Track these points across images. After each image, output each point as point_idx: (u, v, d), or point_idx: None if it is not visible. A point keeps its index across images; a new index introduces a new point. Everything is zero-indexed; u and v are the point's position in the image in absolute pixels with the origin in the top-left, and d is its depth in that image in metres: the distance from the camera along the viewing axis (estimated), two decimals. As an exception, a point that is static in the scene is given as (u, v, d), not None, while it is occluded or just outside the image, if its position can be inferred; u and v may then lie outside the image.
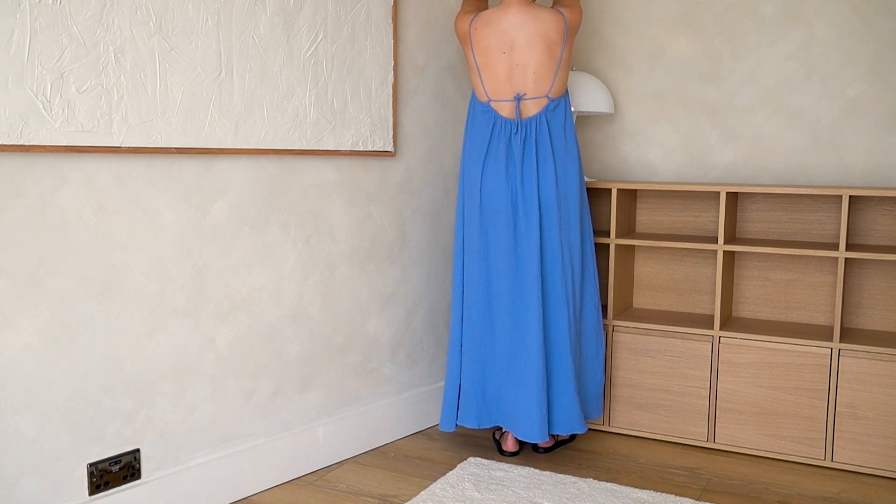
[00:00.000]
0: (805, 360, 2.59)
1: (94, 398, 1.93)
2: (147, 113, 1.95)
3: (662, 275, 3.07)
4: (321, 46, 2.38)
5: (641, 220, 3.11)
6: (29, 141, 1.73)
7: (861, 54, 2.72)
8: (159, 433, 2.08)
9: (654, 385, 2.81)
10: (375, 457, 2.64)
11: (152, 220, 2.02)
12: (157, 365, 2.06)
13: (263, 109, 2.23)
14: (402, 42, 2.69)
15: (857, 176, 2.76)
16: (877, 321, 2.74)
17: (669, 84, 3.05)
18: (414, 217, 2.81)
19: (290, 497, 2.32)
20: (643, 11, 3.08)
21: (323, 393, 2.53)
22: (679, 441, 2.80)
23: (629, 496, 2.31)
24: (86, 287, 1.89)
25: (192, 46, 2.03)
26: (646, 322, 2.83)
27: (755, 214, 2.91)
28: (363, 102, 2.54)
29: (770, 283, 2.89)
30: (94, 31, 1.83)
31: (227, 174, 2.18)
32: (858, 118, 2.74)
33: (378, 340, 2.71)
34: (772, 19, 2.85)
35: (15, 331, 1.77)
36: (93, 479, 1.94)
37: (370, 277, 2.66)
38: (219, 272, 2.19)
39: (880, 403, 2.49)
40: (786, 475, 2.53)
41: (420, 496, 2.30)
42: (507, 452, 2.66)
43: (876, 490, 2.42)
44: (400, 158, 2.73)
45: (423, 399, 2.90)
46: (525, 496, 2.31)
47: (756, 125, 2.91)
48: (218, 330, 2.20)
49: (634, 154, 3.14)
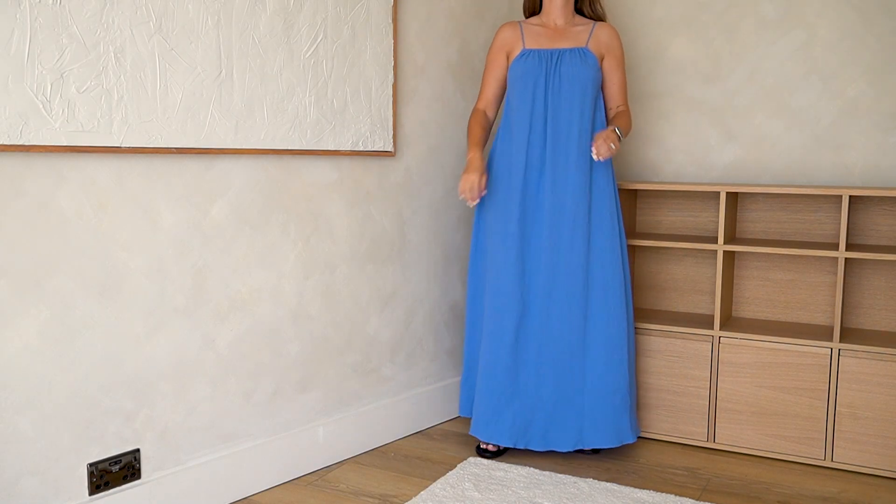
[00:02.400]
0: (805, 360, 2.59)
1: (94, 398, 1.93)
2: (147, 113, 1.95)
3: (662, 275, 3.07)
4: (321, 46, 2.38)
5: (641, 220, 3.11)
6: (29, 141, 1.73)
7: (861, 54, 2.72)
8: (159, 433, 2.08)
9: (654, 385, 2.81)
10: (375, 457, 2.64)
11: (152, 220, 2.02)
12: (157, 365, 2.06)
13: (263, 109, 2.23)
14: (402, 42, 2.69)
15: (856, 176, 2.76)
16: (877, 321, 2.74)
17: (669, 84, 3.05)
18: (414, 217, 2.81)
19: (290, 497, 2.32)
20: (643, 11, 3.08)
21: (323, 393, 2.53)
22: (679, 441, 2.80)
23: (629, 496, 2.31)
24: (86, 287, 1.89)
25: (192, 46, 2.03)
26: (646, 322, 2.83)
27: (755, 214, 2.91)
28: (363, 102, 2.54)
29: (770, 283, 2.89)
30: (94, 31, 1.83)
31: (227, 174, 2.18)
32: (858, 118, 2.74)
33: (378, 340, 2.71)
34: (772, 19, 2.85)
35: (15, 331, 1.77)
36: (93, 479, 1.94)
37: (370, 277, 2.66)
38: (219, 272, 2.19)
39: (880, 403, 2.49)
40: (786, 475, 2.53)
41: (420, 496, 2.30)
42: (489, 452, 2.65)
43: (876, 490, 2.42)
44: (400, 158, 2.73)
45: (423, 399, 2.90)
46: (525, 496, 2.31)
47: (756, 125, 2.91)
48: (218, 330, 2.20)
49: (634, 154, 3.14)
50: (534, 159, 2.55)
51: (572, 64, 2.53)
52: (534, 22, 2.65)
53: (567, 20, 2.62)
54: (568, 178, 2.53)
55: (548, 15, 2.63)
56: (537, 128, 2.55)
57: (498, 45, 2.64)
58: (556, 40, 2.59)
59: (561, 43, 2.58)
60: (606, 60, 2.61)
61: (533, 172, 2.56)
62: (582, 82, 2.53)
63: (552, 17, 2.62)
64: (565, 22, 2.61)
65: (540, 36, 2.60)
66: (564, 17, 2.61)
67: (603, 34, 2.60)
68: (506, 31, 2.64)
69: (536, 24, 2.64)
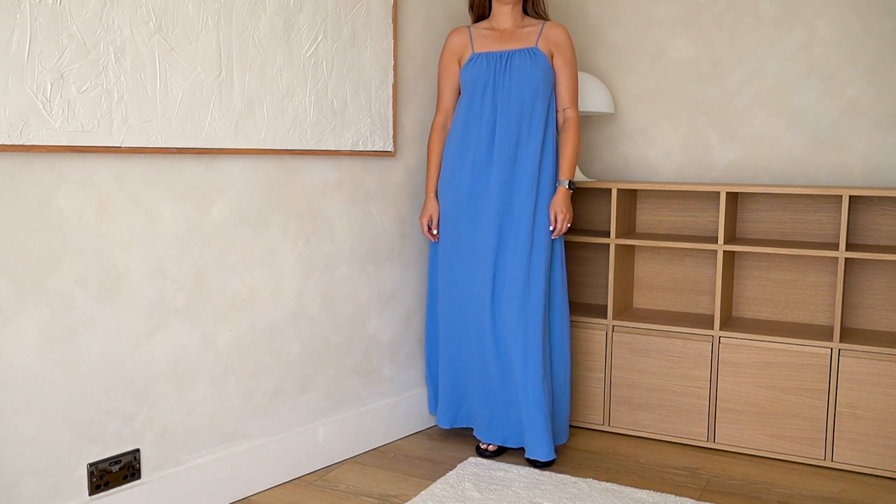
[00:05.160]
0: (805, 360, 2.59)
1: (94, 398, 1.93)
2: (147, 113, 1.95)
3: (662, 275, 3.07)
4: (321, 46, 2.38)
5: (641, 220, 3.11)
6: (29, 141, 1.73)
7: (861, 54, 2.72)
8: (159, 433, 2.08)
9: (654, 385, 2.81)
10: (375, 457, 2.64)
11: (152, 220, 2.02)
12: (157, 365, 2.06)
13: (263, 109, 2.23)
14: (402, 42, 2.69)
15: (857, 176, 2.76)
16: (877, 321, 2.74)
17: (669, 84, 3.05)
18: (414, 217, 2.81)
19: (290, 497, 2.32)
20: (643, 11, 3.08)
21: (323, 393, 2.53)
22: (679, 441, 2.79)
23: (629, 496, 2.31)
24: (86, 287, 1.89)
25: (192, 46, 2.03)
26: (646, 322, 2.83)
27: (755, 214, 2.91)
28: (363, 102, 2.54)
29: (770, 283, 2.89)
30: (94, 31, 1.83)
31: (227, 174, 2.18)
32: (858, 118, 2.74)
33: (378, 340, 2.71)
34: (772, 19, 2.85)
35: (15, 331, 1.77)
36: (93, 479, 1.94)
37: (370, 277, 2.66)
38: (219, 272, 2.19)
39: (880, 403, 2.49)
40: (786, 475, 2.53)
41: (420, 496, 2.30)
42: (489, 452, 2.66)
43: (876, 490, 2.42)
44: (400, 158, 2.73)
45: (423, 399, 2.90)
46: (525, 496, 2.31)
47: (756, 125, 2.91)
48: (218, 330, 2.20)
49: (634, 154, 3.14)
50: (480, 161, 2.54)
51: (522, 64, 2.52)
52: (483, 26, 2.63)
53: (516, 23, 2.60)
54: (514, 179, 2.53)
55: (496, 19, 2.61)
56: (485, 130, 2.54)
57: (448, 52, 2.63)
58: (505, 42, 2.57)
59: (510, 45, 2.56)
60: (556, 59, 2.57)
61: (480, 174, 2.55)
62: (532, 82, 2.51)
63: (501, 22, 2.60)
64: (514, 25, 2.60)
65: (488, 39, 2.59)
66: (513, 20, 2.59)
67: (552, 33, 2.57)
68: (455, 38, 2.62)
69: (486, 28, 2.62)
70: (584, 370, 2.92)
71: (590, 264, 3.19)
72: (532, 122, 2.52)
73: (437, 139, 2.67)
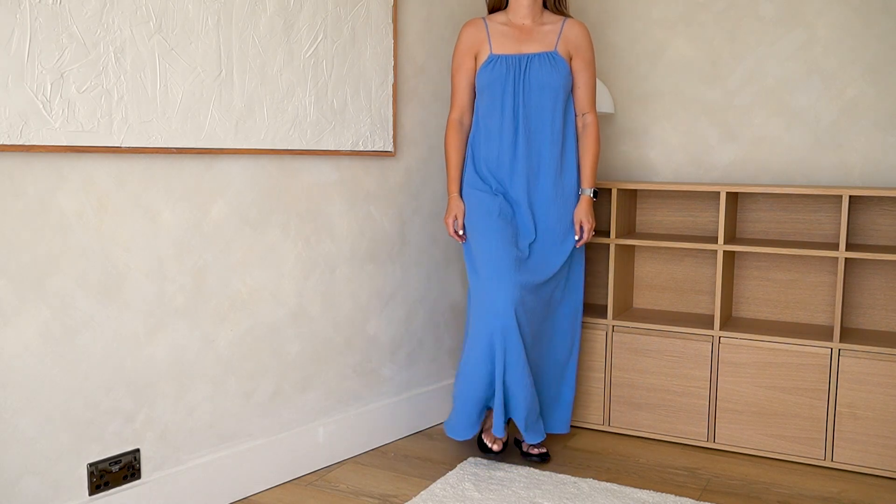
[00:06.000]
0: (805, 360, 2.59)
1: (94, 398, 1.93)
2: (147, 113, 1.95)
3: (662, 275, 3.07)
4: (321, 46, 2.38)
5: (641, 220, 3.11)
6: (29, 141, 1.73)
7: (861, 54, 2.72)
8: (159, 433, 2.08)
9: (654, 385, 2.81)
10: (375, 457, 2.64)
11: (152, 220, 2.02)
12: (157, 365, 2.06)
13: (263, 109, 2.23)
14: (402, 42, 2.69)
15: (856, 176, 2.76)
16: (877, 321, 2.74)
17: (669, 84, 3.05)
18: (414, 217, 2.81)
19: (290, 497, 2.32)
20: (643, 11, 3.08)
21: (323, 393, 2.53)
22: (679, 441, 2.79)
23: (629, 496, 2.31)
24: (86, 287, 1.89)
25: (192, 46, 2.03)
26: (646, 322, 2.83)
27: (755, 214, 2.91)
28: (363, 102, 2.54)
29: (770, 283, 2.89)
30: (94, 31, 1.83)
31: (227, 174, 2.18)
32: (858, 118, 2.74)
33: (378, 340, 2.71)
34: (772, 19, 2.85)
35: (15, 331, 1.77)
36: (93, 479, 1.94)
37: (370, 277, 2.66)
38: (219, 272, 2.19)
39: (880, 403, 2.49)
40: (786, 475, 2.53)
41: (420, 496, 2.30)
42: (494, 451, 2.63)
43: (876, 490, 2.42)
44: (400, 158, 2.73)
45: (423, 399, 2.90)
46: (525, 496, 2.31)
47: (756, 125, 2.91)
48: (218, 330, 2.20)
49: (634, 154, 3.14)
50: (505, 167, 2.52)
51: (541, 70, 2.45)
52: (499, 20, 2.52)
53: (535, 19, 2.50)
54: (538, 185, 2.52)
55: (514, 12, 2.50)
56: (507, 138, 2.49)
57: (464, 45, 2.52)
58: (523, 42, 2.48)
59: (528, 46, 2.48)
60: (575, 61, 2.51)
61: (505, 180, 2.53)
62: (552, 90, 2.46)
63: (519, 16, 2.50)
64: (532, 21, 2.50)
65: (506, 37, 2.49)
66: (532, 16, 2.49)
67: (572, 33, 2.49)
68: (470, 31, 2.51)
69: (502, 23, 2.51)
70: (584, 370, 2.92)
71: (590, 264, 3.19)
72: (553, 127, 2.49)
73: (455, 136, 2.57)
